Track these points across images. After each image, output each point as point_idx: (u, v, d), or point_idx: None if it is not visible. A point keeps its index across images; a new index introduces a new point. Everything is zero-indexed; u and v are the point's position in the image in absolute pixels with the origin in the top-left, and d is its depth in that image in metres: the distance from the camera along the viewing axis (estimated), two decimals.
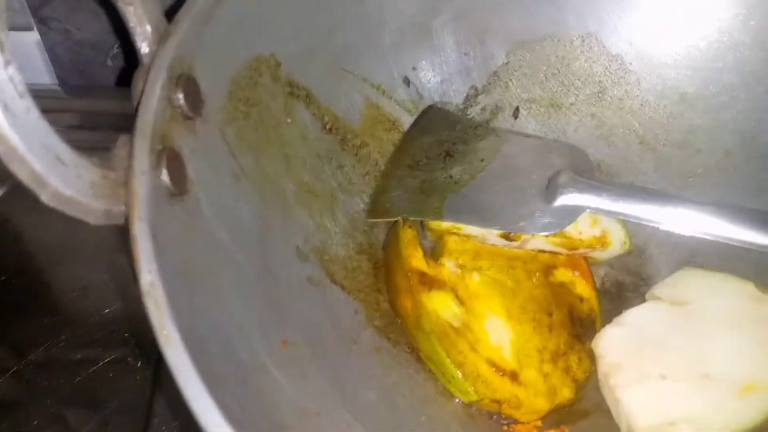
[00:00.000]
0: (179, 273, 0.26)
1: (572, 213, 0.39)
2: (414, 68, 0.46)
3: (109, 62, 0.55)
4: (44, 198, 0.24)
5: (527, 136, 0.47)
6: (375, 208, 0.42)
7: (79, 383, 0.43)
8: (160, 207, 0.27)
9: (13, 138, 0.22)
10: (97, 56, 0.55)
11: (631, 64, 0.48)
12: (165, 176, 0.27)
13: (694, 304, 0.39)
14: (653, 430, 0.35)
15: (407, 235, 0.39)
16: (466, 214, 0.40)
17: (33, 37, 0.53)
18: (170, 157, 0.28)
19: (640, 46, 0.47)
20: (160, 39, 0.30)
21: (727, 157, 0.45)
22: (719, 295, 0.39)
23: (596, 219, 0.41)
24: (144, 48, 0.31)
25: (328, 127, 0.41)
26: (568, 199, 0.40)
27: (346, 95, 0.43)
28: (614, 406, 0.37)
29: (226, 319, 0.28)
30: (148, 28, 0.31)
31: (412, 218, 0.41)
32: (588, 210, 0.39)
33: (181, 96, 0.30)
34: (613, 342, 0.39)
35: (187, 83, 0.30)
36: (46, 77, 0.56)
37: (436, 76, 0.47)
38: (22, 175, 0.22)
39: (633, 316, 0.39)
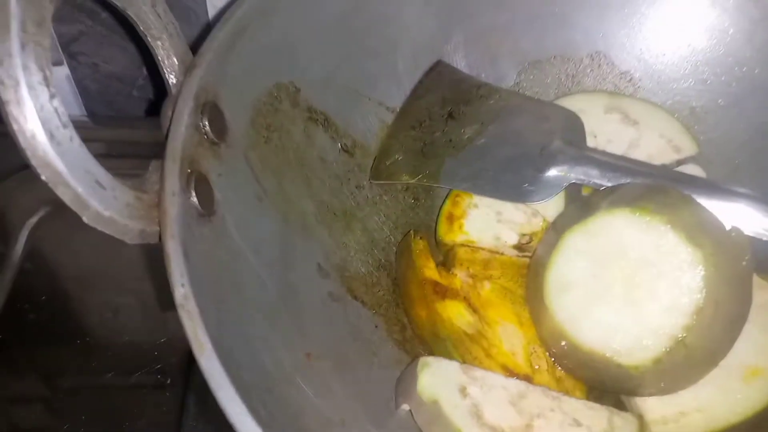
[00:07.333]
0: (208, 288, 0.28)
1: (560, 183, 0.40)
2: None
3: (135, 93, 0.57)
4: (86, 219, 0.25)
5: (527, 98, 0.47)
6: (378, 171, 0.43)
7: (109, 407, 0.44)
8: (190, 226, 0.28)
9: (59, 164, 0.24)
10: (124, 88, 0.57)
11: (640, 80, 0.49)
12: (194, 198, 0.29)
13: None
14: (666, 421, 0.36)
15: (419, 246, 0.41)
16: (461, 180, 0.41)
17: (63, 71, 0.55)
18: (198, 180, 0.30)
19: (648, 62, 0.49)
20: (186, 70, 0.32)
21: (737, 171, 0.46)
22: None
23: None
24: (172, 79, 0.33)
25: (346, 149, 0.43)
26: (558, 170, 0.40)
27: (363, 118, 0.44)
28: (626, 398, 0.38)
29: (251, 332, 0.30)
30: (175, 60, 0.33)
31: (411, 181, 0.42)
32: (575, 181, 0.40)
33: (206, 123, 0.31)
34: None
35: (212, 111, 0.32)
36: (75, 109, 0.58)
37: None
38: (66, 198, 0.24)
39: None
